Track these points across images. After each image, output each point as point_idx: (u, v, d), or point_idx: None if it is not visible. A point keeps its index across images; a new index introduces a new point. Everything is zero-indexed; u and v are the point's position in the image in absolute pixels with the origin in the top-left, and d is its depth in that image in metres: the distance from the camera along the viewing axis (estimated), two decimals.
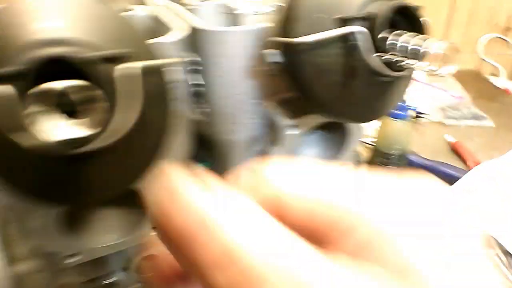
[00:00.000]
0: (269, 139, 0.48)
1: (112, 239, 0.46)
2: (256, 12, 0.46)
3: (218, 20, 0.48)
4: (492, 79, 1.57)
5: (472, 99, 1.35)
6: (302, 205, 0.20)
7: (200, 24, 0.42)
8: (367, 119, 0.42)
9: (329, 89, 0.37)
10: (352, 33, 0.35)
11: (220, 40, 0.42)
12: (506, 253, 0.80)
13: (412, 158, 1.01)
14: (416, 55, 0.37)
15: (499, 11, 1.59)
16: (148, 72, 0.27)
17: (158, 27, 0.46)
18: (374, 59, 0.36)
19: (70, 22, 0.28)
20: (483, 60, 1.63)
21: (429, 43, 0.36)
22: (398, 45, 0.36)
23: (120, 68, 0.26)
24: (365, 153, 1.03)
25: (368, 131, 1.03)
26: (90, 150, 0.25)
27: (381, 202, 0.19)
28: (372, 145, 1.01)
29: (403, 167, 0.99)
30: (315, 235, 0.19)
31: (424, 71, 0.37)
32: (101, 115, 0.25)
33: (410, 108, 1.19)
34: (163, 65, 0.29)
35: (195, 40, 0.43)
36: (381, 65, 0.36)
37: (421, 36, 0.37)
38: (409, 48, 0.36)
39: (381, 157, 0.98)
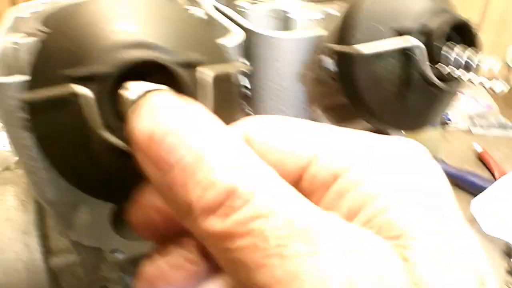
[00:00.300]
0: None
1: None
2: (309, 18, 0.46)
3: (268, 24, 0.48)
4: None
5: (500, 109, 1.35)
6: (296, 162, 0.19)
7: (254, 27, 0.43)
8: (415, 128, 0.43)
9: (383, 98, 0.38)
10: (410, 45, 0.36)
11: (274, 45, 0.42)
12: None
13: (440, 165, 1.00)
14: (469, 69, 0.37)
15: None
16: (220, 78, 0.28)
17: (214, 29, 0.46)
18: (429, 71, 0.36)
19: (147, 25, 0.28)
20: None
21: (484, 59, 0.36)
22: (452, 58, 0.37)
23: (198, 73, 0.27)
24: None
25: None
26: None
27: (377, 167, 0.18)
28: None
29: None
30: (308, 194, 0.18)
31: (478, 85, 0.38)
32: None
33: None
34: (233, 71, 0.30)
35: (246, 43, 0.44)
36: (435, 76, 0.37)
37: (475, 51, 0.37)
38: (463, 61, 0.37)
39: None
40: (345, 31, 0.38)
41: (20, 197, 0.49)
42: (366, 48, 0.35)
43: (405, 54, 0.36)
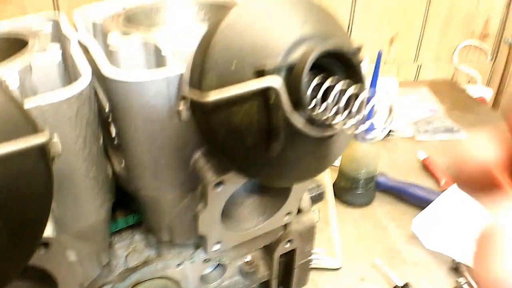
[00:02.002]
0: (198, 194, 0.43)
1: None
2: (180, 51, 0.40)
3: (144, 59, 0.42)
4: (468, 88, 1.53)
5: (446, 111, 1.30)
6: None
7: (108, 71, 0.36)
8: (295, 182, 0.36)
9: (245, 151, 0.32)
10: (269, 88, 0.30)
11: (131, 89, 0.36)
12: None
13: (381, 179, 0.96)
14: (347, 109, 0.31)
15: (476, 17, 1.55)
16: None
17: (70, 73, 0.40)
18: (297, 117, 0.31)
19: None
20: (459, 68, 1.59)
21: (360, 99, 0.30)
22: (328, 97, 0.31)
23: None
24: (330, 176, 0.97)
25: None
26: None
27: None
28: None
29: (371, 191, 0.95)
30: None
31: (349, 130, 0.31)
32: None
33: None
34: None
35: (106, 88, 0.38)
36: (305, 123, 0.31)
37: (355, 86, 0.31)
38: (340, 101, 0.31)
39: (347, 181, 0.93)
40: (195, 71, 0.32)
41: None
42: (215, 96, 0.29)
43: (266, 98, 0.30)
